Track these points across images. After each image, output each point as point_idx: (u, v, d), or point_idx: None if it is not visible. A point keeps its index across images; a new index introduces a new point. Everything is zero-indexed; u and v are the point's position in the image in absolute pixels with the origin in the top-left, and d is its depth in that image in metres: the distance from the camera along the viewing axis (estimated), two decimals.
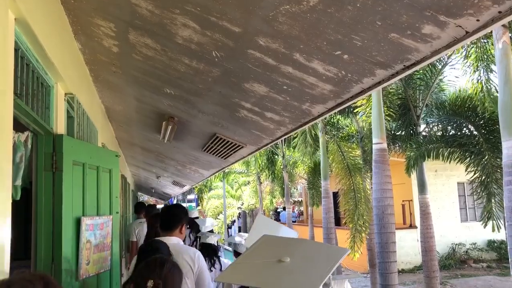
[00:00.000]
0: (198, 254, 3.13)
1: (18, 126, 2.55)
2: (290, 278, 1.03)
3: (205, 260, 3.33)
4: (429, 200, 10.63)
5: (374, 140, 8.80)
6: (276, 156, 19.33)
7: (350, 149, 11.50)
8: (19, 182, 2.62)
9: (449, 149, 9.43)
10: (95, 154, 3.59)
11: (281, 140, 17.79)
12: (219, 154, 6.41)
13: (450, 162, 9.75)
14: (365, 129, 13.87)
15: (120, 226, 4.99)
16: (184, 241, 3.32)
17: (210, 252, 4.41)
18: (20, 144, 2.71)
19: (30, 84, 2.48)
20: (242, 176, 30.35)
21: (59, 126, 3.06)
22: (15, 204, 2.14)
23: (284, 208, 28.94)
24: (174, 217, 3.29)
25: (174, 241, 3.16)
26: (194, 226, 6.27)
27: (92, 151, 3.54)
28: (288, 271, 1.05)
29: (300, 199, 30.01)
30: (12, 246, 1.93)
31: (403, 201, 19.81)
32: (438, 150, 9.42)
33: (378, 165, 8.61)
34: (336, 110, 3.07)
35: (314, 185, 17.04)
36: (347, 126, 14.98)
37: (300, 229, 22.27)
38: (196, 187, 24.29)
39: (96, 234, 3.34)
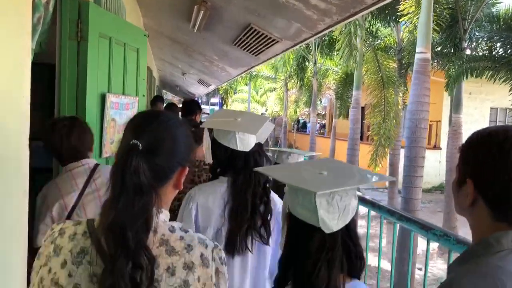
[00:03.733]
0: None
1: None
2: (328, 183, 1.12)
3: None
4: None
5: (418, 49, 8.24)
6: (307, 63, 18.68)
7: (386, 60, 10.88)
8: (33, 45, 2.42)
9: (495, 67, 8.81)
10: (123, 29, 3.34)
11: (314, 45, 17.11)
12: (250, 50, 6.07)
13: (493, 81, 9.15)
14: (404, 41, 13.11)
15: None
16: None
17: None
18: (40, 4, 2.46)
19: None
20: (268, 82, 29.85)
21: None
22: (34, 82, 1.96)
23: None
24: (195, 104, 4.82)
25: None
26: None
27: (120, 25, 3.29)
28: (326, 179, 1.13)
29: (323, 112, 29.71)
30: (32, 124, 1.77)
31: (430, 121, 19.37)
32: (484, 68, 8.81)
33: (418, 76, 8.14)
34: None
35: (342, 96, 16.63)
36: (386, 37, 14.20)
37: (322, 141, 22.32)
38: (222, 87, 24.06)
39: (121, 114, 3.21)
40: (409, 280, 2.60)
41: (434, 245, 10.71)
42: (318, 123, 28.30)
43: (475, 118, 17.33)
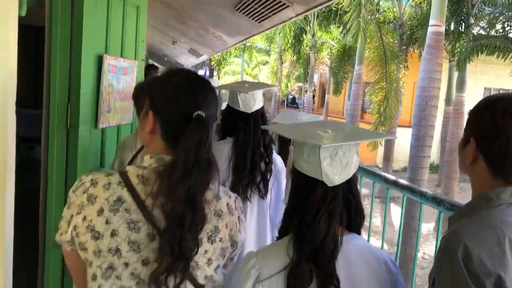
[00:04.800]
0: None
1: None
2: (331, 138, 1.19)
3: None
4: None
5: (431, 22, 7.88)
6: (304, 35, 18.20)
7: (390, 34, 10.51)
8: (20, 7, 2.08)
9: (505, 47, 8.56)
10: None
11: (313, 16, 16.64)
12: (254, 16, 5.70)
13: (498, 58, 8.85)
14: (406, 15, 12.79)
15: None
16: None
17: None
18: None
19: None
20: (260, 55, 29.29)
21: None
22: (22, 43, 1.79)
23: (313, 96, 28.10)
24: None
25: None
26: None
27: None
28: (330, 135, 1.20)
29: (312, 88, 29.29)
30: (19, 91, 1.76)
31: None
32: (494, 45, 8.55)
33: (430, 51, 7.82)
34: None
35: (339, 71, 16.30)
36: (385, 11, 13.83)
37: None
38: (214, 58, 23.43)
39: (119, 79, 2.87)
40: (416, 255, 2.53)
41: (430, 226, 10.67)
42: (304, 98, 27.91)
43: (468, 98, 17.27)
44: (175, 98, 1.16)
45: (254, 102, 2.31)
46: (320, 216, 1.16)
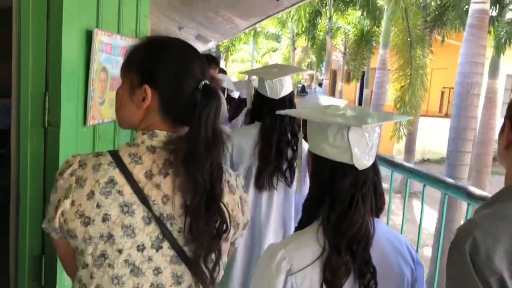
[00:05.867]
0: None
1: None
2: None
3: None
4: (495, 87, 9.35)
5: None
6: (319, 19, 17.39)
7: (415, 15, 9.72)
8: None
9: None
10: None
11: None
12: None
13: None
14: None
15: None
16: None
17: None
18: None
19: None
20: (269, 42, 28.63)
21: None
22: None
23: (320, 84, 27.45)
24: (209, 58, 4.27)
25: None
26: None
27: None
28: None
29: (321, 77, 28.52)
30: None
31: (443, 87, 18.75)
32: None
33: (473, 31, 7.07)
34: None
35: (357, 56, 15.59)
36: None
37: None
38: (223, 43, 22.68)
39: (115, 62, 2.26)
40: None
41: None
42: (315, 87, 27.23)
43: None
44: (180, 69, 1.09)
45: (282, 87, 2.28)
46: (356, 202, 1.13)
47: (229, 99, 5.04)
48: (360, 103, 19.14)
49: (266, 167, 2.26)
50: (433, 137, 15.24)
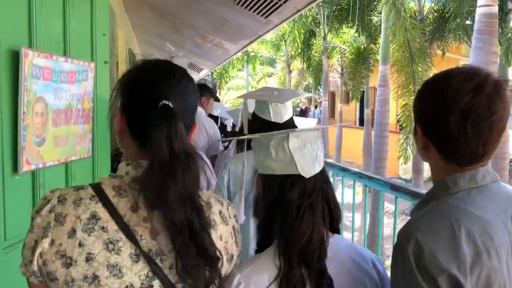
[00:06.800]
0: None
1: None
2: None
3: None
4: None
5: (480, 2, 6.75)
6: (314, 39, 17.15)
7: (414, 28, 9.36)
8: None
9: None
10: None
11: (324, 17, 15.65)
12: (259, 9, 4.71)
13: None
14: (426, 9, 11.82)
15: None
16: None
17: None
18: None
19: None
20: (264, 68, 28.55)
21: None
22: None
23: (316, 106, 27.20)
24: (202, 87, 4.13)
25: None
26: None
27: None
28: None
29: (319, 99, 28.30)
30: None
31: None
32: None
33: (481, 37, 6.68)
34: None
35: (355, 75, 15.25)
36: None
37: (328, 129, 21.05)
38: (215, 71, 22.40)
39: (58, 90, 1.82)
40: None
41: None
42: (318, 109, 26.94)
43: None
44: (139, 89, 1.03)
45: (286, 111, 2.22)
46: (303, 211, 1.13)
47: (223, 127, 4.84)
48: (361, 123, 18.74)
49: None
50: None
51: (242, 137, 1.54)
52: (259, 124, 2.22)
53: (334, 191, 1.25)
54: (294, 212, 1.12)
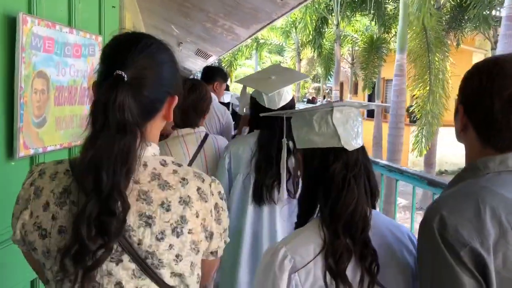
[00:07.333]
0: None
1: None
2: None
3: None
4: None
5: None
6: (326, 27, 16.79)
7: (433, 16, 9.04)
8: None
9: None
10: None
11: (337, 3, 15.32)
12: None
13: None
14: None
15: None
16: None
17: None
18: None
19: None
20: (272, 56, 28.36)
21: None
22: None
23: (324, 97, 26.89)
24: (216, 71, 4.06)
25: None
26: None
27: None
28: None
29: (327, 90, 27.99)
30: None
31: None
32: None
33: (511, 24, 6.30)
34: None
35: (368, 65, 14.95)
36: None
37: None
38: (224, 58, 22.10)
39: (62, 64, 1.61)
40: None
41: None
42: (319, 100, 26.70)
43: None
44: (102, 62, 1.02)
45: (280, 98, 2.21)
46: (348, 183, 1.15)
47: (235, 114, 4.80)
48: (369, 115, 18.44)
49: (263, 180, 2.20)
50: (449, 148, 14.46)
51: (284, 111, 1.53)
52: (255, 107, 2.27)
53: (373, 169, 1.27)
54: (339, 184, 1.15)
